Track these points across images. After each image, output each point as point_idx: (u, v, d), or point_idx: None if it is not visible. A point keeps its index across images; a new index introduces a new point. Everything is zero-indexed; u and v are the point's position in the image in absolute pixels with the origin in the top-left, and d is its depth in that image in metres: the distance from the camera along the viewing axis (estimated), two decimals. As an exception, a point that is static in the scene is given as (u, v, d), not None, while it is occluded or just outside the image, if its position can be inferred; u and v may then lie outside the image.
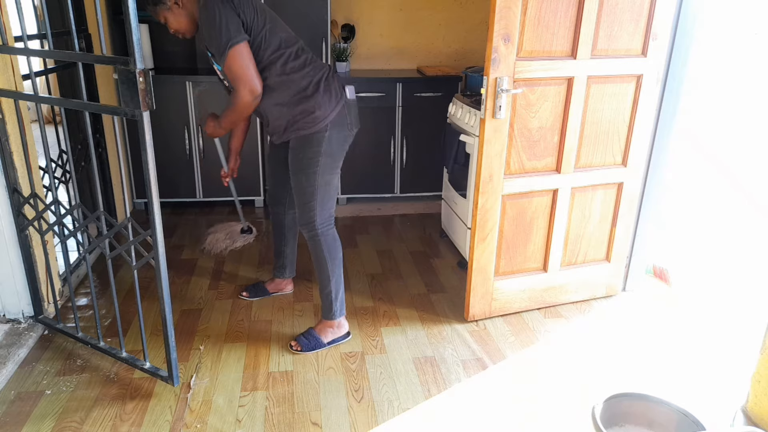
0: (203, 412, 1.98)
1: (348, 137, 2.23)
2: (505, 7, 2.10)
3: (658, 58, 2.42)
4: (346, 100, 2.18)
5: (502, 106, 2.22)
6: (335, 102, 2.14)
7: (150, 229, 1.86)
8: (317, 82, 2.13)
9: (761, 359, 1.76)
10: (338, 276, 2.31)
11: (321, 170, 2.16)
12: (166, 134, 3.59)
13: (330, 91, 2.14)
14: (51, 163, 2.33)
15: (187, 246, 3.30)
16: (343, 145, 2.22)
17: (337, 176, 2.24)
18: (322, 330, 2.36)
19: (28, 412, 1.95)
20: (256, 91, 2.05)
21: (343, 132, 2.19)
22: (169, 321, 1.98)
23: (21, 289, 2.41)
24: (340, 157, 2.23)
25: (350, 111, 2.19)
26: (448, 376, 2.20)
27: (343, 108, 2.17)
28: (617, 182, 2.58)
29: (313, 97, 2.11)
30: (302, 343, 2.32)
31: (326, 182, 2.19)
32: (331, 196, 2.24)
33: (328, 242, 2.25)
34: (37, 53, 2.02)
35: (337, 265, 2.29)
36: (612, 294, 2.80)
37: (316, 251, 2.27)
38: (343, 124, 2.18)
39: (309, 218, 2.22)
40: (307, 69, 2.13)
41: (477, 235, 2.41)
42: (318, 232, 2.23)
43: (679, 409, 1.73)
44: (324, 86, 2.13)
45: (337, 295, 2.32)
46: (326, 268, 2.27)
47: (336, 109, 2.14)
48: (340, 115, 2.16)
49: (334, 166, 2.21)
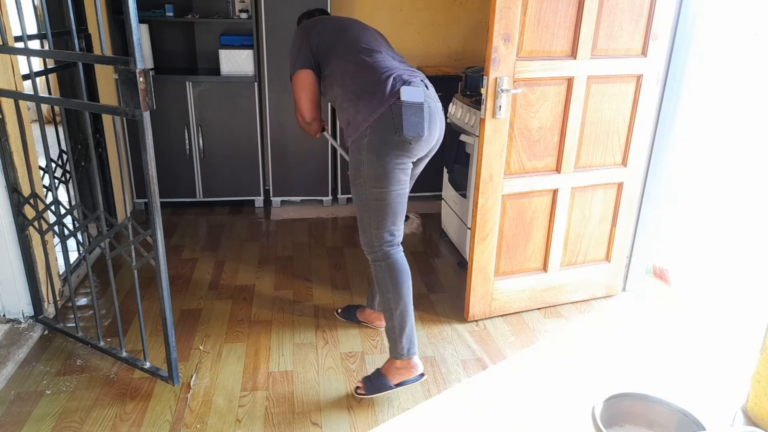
0: (203, 412, 1.98)
1: (398, 145, 1.89)
2: (505, 7, 2.10)
3: (658, 58, 2.42)
4: (395, 102, 1.87)
5: (502, 106, 2.22)
6: (378, 103, 1.88)
7: (150, 229, 1.86)
8: (367, 82, 1.93)
9: (761, 359, 1.76)
10: (403, 308, 2.00)
11: (367, 182, 1.94)
12: (166, 134, 3.59)
13: (376, 93, 1.89)
14: (51, 163, 2.33)
15: (187, 246, 3.30)
16: (389, 155, 1.90)
17: (394, 191, 1.94)
18: (389, 370, 2.05)
19: (28, 412, 1.95)
20: (305, 118, 2.12)
21: (387, 137, 1.88)
22: (169, 321, 1.98)
23: (21, 289, 2.40)
24: (389, 169, 1.91)
25: (401, 114, 1.86)
26: (448, 376, 2.20)
27: (389, 110, 1.87)
28: (617, 182, 2.58)
29: (360, 98, 1.93)
30: (367, 386, 2.06)
31: (376, 197, 1.94)
32: (388, 214, 1.97)
33: (389, 267, 1.99)
34: (37, 53, 2.02)
35: (401, 295, 1.99)
36: (612, 294, 2.80)
37: (377, 277, 2.03)
38: (388, 129, 1.88)
39: (366, 239, 2.02)
40: (366, 71, 1.95)
41: (477, 235, 2.41)
42: (378, 255, 2.00)
43: (679, 409, 1.73)
44: (372, 87, 1.91)
45: (402, 331, 2.00)
46: (388, 298, 2.00)
47: (379, 110, 1.88)
48: (383, 119, 1.88)
49: (381, 178, 1.92)
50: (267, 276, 2.96)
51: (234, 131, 3.67)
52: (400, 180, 1.96)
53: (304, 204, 3.99)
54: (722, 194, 2.78)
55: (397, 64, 2.01)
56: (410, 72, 1.99)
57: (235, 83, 3.57)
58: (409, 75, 1.96)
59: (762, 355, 1.76)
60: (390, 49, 2.11)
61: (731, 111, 2.67)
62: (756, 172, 2.62)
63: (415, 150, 1.95)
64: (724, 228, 2.78)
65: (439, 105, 2.02)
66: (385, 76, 1.91)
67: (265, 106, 3.63)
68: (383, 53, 2.02)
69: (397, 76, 1.92)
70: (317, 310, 2.65)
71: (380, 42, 2.10)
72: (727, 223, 2.77)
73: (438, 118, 2.00)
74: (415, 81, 1.94)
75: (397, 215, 2.00)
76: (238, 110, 3.63)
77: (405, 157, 1.94)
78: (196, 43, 3.88)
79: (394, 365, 2.05)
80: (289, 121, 3.66)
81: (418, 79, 1.96)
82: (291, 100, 2.33)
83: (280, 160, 3.76)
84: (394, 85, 1.89)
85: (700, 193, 2.86)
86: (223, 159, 3.72)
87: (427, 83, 2.01)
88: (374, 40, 2.08)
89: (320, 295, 2.78)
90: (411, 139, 1.89)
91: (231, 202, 3.95)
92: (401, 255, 2.03)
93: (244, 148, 3.72)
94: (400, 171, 1.94)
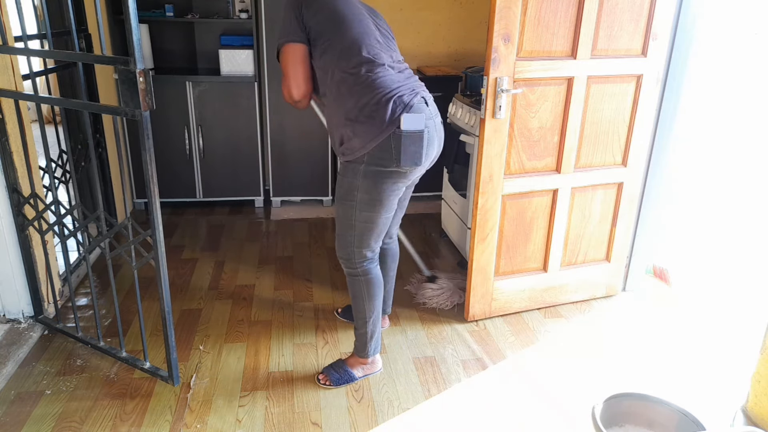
0: (203, 412, 1.98)
1: (395, 174, 1.87)
2: (505, 7, 2.10)
3: (658, 58, 2.42)
4: (395, 131, 1.80)
5: (502, 106, 2.22)
6: (377, 131, 1.81)
7: (150, 229, 1.86)
8: (366, 104, 1.83)
9: (761, 359, 1.76)
10: (376, 316, 2.10)
11: (359, 205, 1.92)
12: (166, 134, 3.59)
13: (376, 117, 1.81)
14: (51, 163, 2.33)
15: (187, 246, 3.30)
16: (386, 183, 1.88)
17: (383, 216, 1.95)
18: (354, 364, 2.16)
19: (28, 412, 1.95)
20: (293, 96, 1.94)
21: (384, 167, 1.85)
22: (169, 321, 1.98)
23: (21, 289, 2.41)
24: (384, 197, 1.91)
25: (399, 144, 1.80)
26: (448, 376, 2.20)
27: (388, 140, 1.81)
28: (617, 182, 2.58)
29: (356, 121, 1.84)
30: (332, 377, 2.13)
31: (365, 219, 1.94)
32: (373, 235, 1.99)
33: (367, 282, 2.05)
34: (37, 53, 2.02)
35: (375, 305, 2.08)
36: (612, 294, 2.80)
37: (353, 289, 2.08)
38: (385, 159, 1.83)
39: (346, 254, 2.03)
40: (364, 88, 1.84)
41: (477, 235, 2.41)
42: (357, 270, 2.04)
43: (679, 409, 1.73)
44: (371, 111, 1.82)
45: (372, 335, 2.12)
46: (363, 308, 2.07)
47: (378, 139, 1.81)
48: (381, 147, 1.82)
49: (374, 204, 1.91)
50: (267, 276, 2.96)
51: (234, 131, 3.67)
52: (392, 205, 1.97)
53: (304, 204, 3.99)
54: (722, 194, 2.78)
55: (396, 78, 1.89)
56: (410, 86, 1.90)
57: (235, 83, 3.57)
58: (409, 94, 1.86)
59: (762, 355, 1.76)
60: (389, 47, 1.98)
61: (731, 111, 2.67)
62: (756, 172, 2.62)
63: (411, 175, 1.95)
64: (724, 228, 2.79)
65: (438, 120, 1.96)
66: (385, 99, 1.82)
67: (265, 106, 3.63)
68: (385, 64, 1.89)
69: (398, 99, 1.83)
70: (317, 310, 2.65)
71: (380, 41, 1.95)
72: (727, 223, 2.77)
73: (437, 138, 1.95)
74: (415, 102, 1.85)
75: (381, 234, 2.03)
76: (238, 110, 3.63)
77: (401, 183, 1.94)
78: (196, 43, 3.88)
79: (359, 361, 2.17)
80: (289, 121, 3.66)
81: (418, 97, 1.88)
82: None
83: (280, 160, 3.76)
84: (395, 111, 1.81)
85: (700, 193, 2.86)
86: (223, 159, 3.72)
87: (426, 97, 1.93)
88: (375, 40, 1.91)
89: (320, 295, 2.78)
90: (407, 168, 1.87)
91: (231, 202, 3.95)
92: (378, 269, 2.09)
93: (244, 148, 3.72)
94: (394, 197, 1.95)
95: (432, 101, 1.97)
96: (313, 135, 3.68)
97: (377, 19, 2.04)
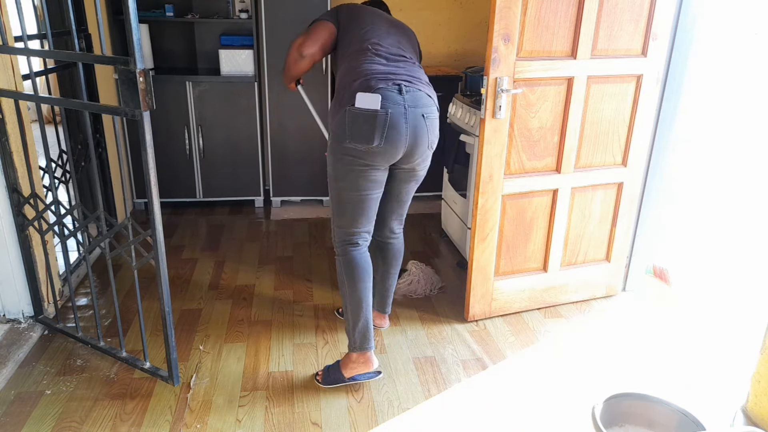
0: (203, 412, 1.98)
1: (351, 151, 1.90)
2: (505, 7, 2.10)
3: (658, 58, 2.42)
4: (349, 107, 1.88)
5: (502, 106, 2.22)
6: (338, 107, 1.93)
7: (150, 229, 1.86)
8: (342, 86, 1.96)
9: (761, 359, 1.76)
10: (357, 304, 2.05)
11: (330, 181, 2.02)
12: (166, 134, 3.59)
13: (342, 96, 1.93)
14: (51, 163, 2.33)
15: (187, 246, 3.30)
16: (345, 159, 1.92)
17: (353, 194, 1.97)
18: (344, 363, 2.12)
19: (28, 413, 1.95)
20: (302, 50, 2.02)
21: (340, 142, 1.91)
22: (169, 321, 1.98)
23: (21, 289, 2.40)
24: (344, 172, 1.95)
25: (350, 120, 1.87)
26: (448, 376, 2.20)
27: (343, 115, 1.89)
28: (617, 182, 2.58)
29: (333, 101, 2.00)
30: (325, 376, 2.15)
31: (336, 196, 2.01)
32: (345, 213, 2.02)
33: (345, 263, 2.05)
34: (37, 53, 2.02)
35: (354, 290, 2.04)
36: (612, 294, 2.80)
37: (338, 272, 2.11)
38: (340, 134, 1.91)
39: (332, 234, 2.11)
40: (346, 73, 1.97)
41: (477, 235, 2.41)
42: (337, 250, 2.08)
43: (679, 409, 1.73)
44: (341, 90, 1.96)
45: (355, 325, 2.06)
46: (344, 292, 2.08)
47: (337, 115, 1.93)
48: (339, 123, 1.91)
49: (338, 179, 1.98)
50: (267, 276, 2.96)
51: (234, 131, 3.67)
52: (359, 186, 1.96)
53: (304, 204, 3.99)
54: (722, 194, 2.78)
55: (380, 67, 1.93)
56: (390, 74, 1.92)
57: (235, 83, 3.57)
58: (381, 79, 1.89)
59: (762, 355, 1.76)
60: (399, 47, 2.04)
61: (731, 111, 2.67)
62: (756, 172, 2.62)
63: (374, 159, 1.91)
64: (724, 228, 2.79)
65: (418, 111, 1.92)
66: (357, 82, 1.90)
67: (265, 106, 3.63)
68: (377, 56, 1.96)
69: (364, 81, 1.89)
70: (317, 310, 2.65)
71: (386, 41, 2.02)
72: (727, 223, 2.77)
73: (408, 126, 1.90)
74: (381, 86, 1.87)
75: (357, 219, 2.02)
76: (238, 110, 3.63)
77: (361, 162, 1.92)
78: (196, 43, 3.88)
79: (349, 358, 2.12)
80: (289, 121, 3.66)
81: (389, 84, 1.89)
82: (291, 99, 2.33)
83: (280, 160, 3.76)
84: (355, 90, 1.88)
85: (700, 193, 2.86)
86: (223, 159, 3.72)
87: (403, 85, 1.91)
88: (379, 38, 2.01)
89: (320, 295, 2.78)
90: (360, 147, 1.88)
91: (231, 202, 3.95)
92: (360, 254, 2.07)
93: (244, 148, 3.72)
94: (357, 176, 1.94)
95: (425, 96, 1.96)
96: (313, 135, 3.67)
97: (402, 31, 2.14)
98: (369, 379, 2.15)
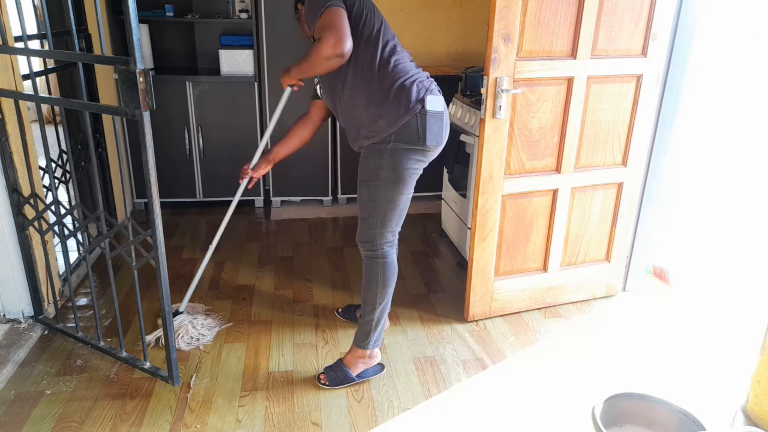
0: (203, 412, 1.98)
1: (419, 153, 1.97)
2: (505, 7, 2.10)
3: (658, 58, 2.42)
4: (420, 110, 1.92)
5: (502, 106, 2.22)
6: (403, 111, 1.92)
7: (150, 229, 1.87)
8: (390, 87, 1.93)
9: (761, 359, 1.76)
10: (385, 305, 2.10)
11: (383, 185, 1.98)
12: (166, 134, 3.59)
13: (400, 98, 1.92)
14: (51, 163, 2.33)
15: (187, 246, 3.30)
16: (410, 161, 1.97)
17: (405, 196, 2.02)
18: (351, 361, 2.14)
19: (28, 413, 1.95)
20: (342, 46, 1.78)
21: (410, 146, 1.95)
22: (169, 321, 1.98)
23: (21, 289, 2.41)
24: (407, 175, 1.98)
25: (424, 123, 1.92)
26: (448, 376, 2.20)
27: (414, 119, 1.92)
28: (617, 182, 2.58)
29: (382, 103, 1.93)
30: (330, 377, 2.13)
31: (389, 199, 2.00)
32: (395, 216, 2.03)
33: (385, 266, 2.06)
34: (37, 53, 2.02)
35: (387, 293, 2.08)
36: (612, 294, 2.80)
37: (370, 274, 2.08)
38: (411, 138, 1.94)
39: (368, 236, 2.05)
40: (386, 72, 1.93)
41: (477, 235, 2.41)
42: (377, 253, 2.05)
43: (679, 409, 1.73)
44: (396, 92, 1.92)
45: (378, 324, 2.10)
46: (375, 293, 2.07)
47: (404, 118, 1.92)
48: (408, 127, 1.93)
49: (398, 182, 1.98)
50: (267, 276, 2.97)
51: (234, 131, 3.67)
52: (412, 185, 2.05)
53: (304, 204, 3.99)
54: (722, 194, 2.78)
55: (411, 65, 2.01)
56: (425, 74, 2.02)
57: (235, 83, 3.57)
58: (427, 80, 2.00)
59: (762, 355, 1.76)
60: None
61: (731, 111, 2.67)
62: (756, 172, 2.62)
63: (431, 156, 2.04)
64: (724, 228, 2.79)
65: None
66: (409, 82, 1.94)
67: (265, 106, 3.63)
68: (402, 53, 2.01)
69: (419, 83, 1.96)
70: (317, 310, 2.65)
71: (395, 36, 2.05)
72: (727, 223, 2.77)
73: (449, 124, 2.06)
74: (434, 87, 2.00)
75: (402, 217, 2.08)
76: (238, 110, 3.63)
77: (422, 163, 2.03)
78: (196, 43, 3.88)
79: (356, 354, 2.14)
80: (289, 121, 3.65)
81: (434, 84, 2.01)
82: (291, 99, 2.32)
83: (280, 160, 3.75)
84: (419, 92, 1.93)
85: (700, 193, 2.86)
86: (223, 159, 3.72)
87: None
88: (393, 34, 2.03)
89: (320, 295, 2.78)
90: (433, 148, 2.00)
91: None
92: (395, 256, 2.11)
93: (244, 148, 3.71)
94: (415, 176, 2.03)
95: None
96: (313, 135, 3.67)
97: None
98: (375, 375, 2.16)
